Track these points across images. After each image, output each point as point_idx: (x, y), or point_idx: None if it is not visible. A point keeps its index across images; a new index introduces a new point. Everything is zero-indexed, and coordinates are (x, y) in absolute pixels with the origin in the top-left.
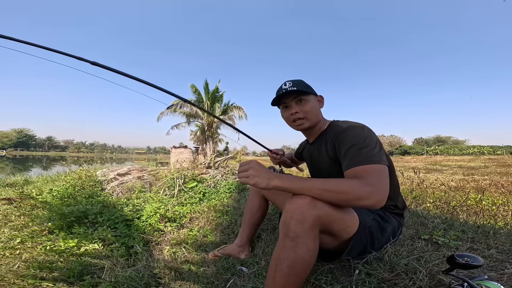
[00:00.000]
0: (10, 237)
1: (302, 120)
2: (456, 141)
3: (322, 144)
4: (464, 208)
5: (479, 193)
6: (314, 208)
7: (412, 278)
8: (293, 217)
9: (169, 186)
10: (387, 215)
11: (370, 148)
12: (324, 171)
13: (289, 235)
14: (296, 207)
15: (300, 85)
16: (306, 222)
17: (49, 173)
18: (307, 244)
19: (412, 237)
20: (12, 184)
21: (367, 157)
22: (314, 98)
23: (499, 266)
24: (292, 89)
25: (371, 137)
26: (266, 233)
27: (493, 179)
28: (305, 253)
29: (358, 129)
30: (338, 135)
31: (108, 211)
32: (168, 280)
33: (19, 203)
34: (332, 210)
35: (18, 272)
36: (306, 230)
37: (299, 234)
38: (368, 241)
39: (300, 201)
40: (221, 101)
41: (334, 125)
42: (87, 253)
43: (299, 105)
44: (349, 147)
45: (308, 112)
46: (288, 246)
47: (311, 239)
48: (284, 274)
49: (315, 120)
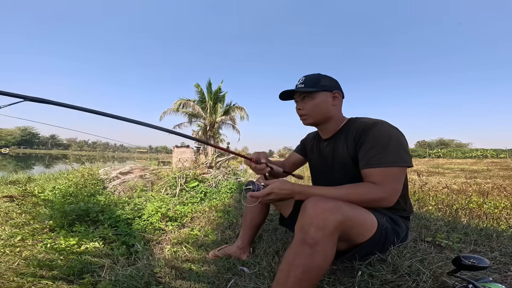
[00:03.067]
0: (10, 235)
1: (304, 116)
2: (459, 144)
3: (340, 140)
4: (467, 211)
5: (481, 197)
6: (337, 214)
7: (416, 280)
8: (313, 223)
9: (170, 186)
10: (397, 218)
11: (393, 148)
12: (335, 168)
13: (307, 241)
14: (317, 212)
15: (308, 83)
16: (327, 229)
17: (51, 171)
18: (325, 251)
19: (415, 240)
20: (14, 182)
21: (390, 158)
22: (325, 95)
23: (502, 269)
24: (301, 86)
25: (397, 136)
26: (268, 233)
27: (495, 182)
28: (322, 260)
29: (383, 125)
30: (363, 131)
31: (110, 209)
32: (168, 279)
33: (21, 200)
34: (355, 215)
35: (18, 269)
36: (327, 237)
37: (318, 242)
38: (382, 241)
39: (323, 206)
40: (223, 101)
41: (357, 121)
42: (87, 251)
43: (303, 102)
44: (372, 145)
45: (311, 109)
46: (305, 253)
47: (330, 246)
48: (297, 280)
49: (321, 117)
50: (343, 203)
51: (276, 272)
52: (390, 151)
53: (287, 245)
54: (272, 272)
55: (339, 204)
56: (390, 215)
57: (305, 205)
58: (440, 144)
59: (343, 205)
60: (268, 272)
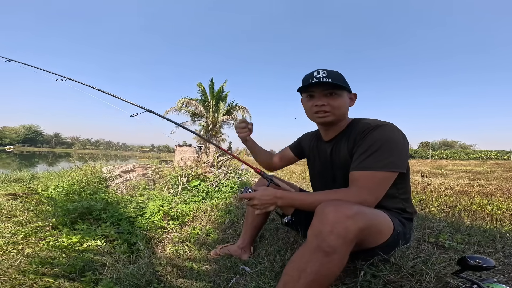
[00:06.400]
0: (13, 232)
1: (327, 113)
2: (463, 146)
3: (342, 142)
4: (470, 212)
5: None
6: (360, 221)
7: (419, 280)
8: (333, 231)
9: (172, 184)
10: (403, 220)
11: (385, 152)
12: (335, 169)
13: (324, 249)
14: (339, 219)
15: (336, 78)
16: (348, 237)
17: (54, 169)
18: (342, 260)
19: (418, 240)
20: (18, 180)
21: (377, 162)
22: (347, 95)
23: (506, 270)
24: (327, 80)
25: (396, 140)
26: (270, 233)
27: (499, 184)
28: (338, 268)
29: (385, 128)
30: (363, 133)
31: (112, 207)
32: (169, 278)
33: (24, 198)
34: (377, 222)
35: (20, 267)
36: (346, 245)
37: (337, 250)
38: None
39: (346, 212)
40: (225, 101)
41: (360, 122)
42: (89, 249)
43: (329, 98)
44: (366, 148)
45: (336, 107)
46: (320, 261)
47: (347, 253)
48: (308, 286)
49: (341, 116)
50: (366, 208)
51: (281, 273)
52: (381, 155)
53: (288, 245)
54: (274, 271)
55: (363, 210)
56: (399, 217)
57: (324, 210)
58: (444, 145)
59: (366, 210)
60: (269, 272)
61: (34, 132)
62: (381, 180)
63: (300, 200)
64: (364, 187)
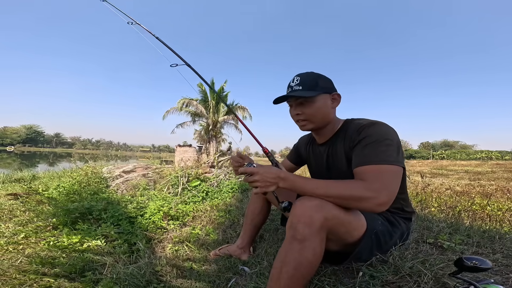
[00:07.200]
0: (14, 232)
1: (304, 122)
2: (464, 146)
3: (337, 144)
4: (469, 213)
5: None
6: (322, 211)
7: (417, 281)
8: (300, 220)
9: (173, 184)
10: (396, 219)
11: (389, 146)
12: (333, 172)
13: (296, 237)
14: (303, 210)
15: (306, 85)
16: (314, 225)
17: (55, 169)
18: (314, 247)
19: (417, 241)
20: (19, 180)
21: (384, 156)
22: (324, 98)
23: (504, 271)
24: (298, 88)
25: (393, 135)
26: (269, 233)
27: (499, 184)
28: (312, 255)
29: (380, 125)
30: (358, 131)
31: (112, 208)
32: (169, 278)
33: (25, 198)
34: (340, 213)
35: (20, 267)
36: (314, 233)
37: (306, 237)
38: (375, 246)
39: (308, 204)
40: (225, 101)
41: (353, 122)
42: (89, 249)
43: (303, 107)
44: (365, 144)
45: (312, 115)
46: (295, 249)
47: (318, 242)
48: (289, 276)
49: (322, 121)
50: (328, 203)
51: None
52: (383, 150)
53: None
54: None
55: (324, 203)
56: (387, 216)
57: (294, 205)
58: (445, 145)
59: (327, 203)
60: (269, 272)
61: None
62: (389, 173)
63: (301, 187)
64: (370, 180)
